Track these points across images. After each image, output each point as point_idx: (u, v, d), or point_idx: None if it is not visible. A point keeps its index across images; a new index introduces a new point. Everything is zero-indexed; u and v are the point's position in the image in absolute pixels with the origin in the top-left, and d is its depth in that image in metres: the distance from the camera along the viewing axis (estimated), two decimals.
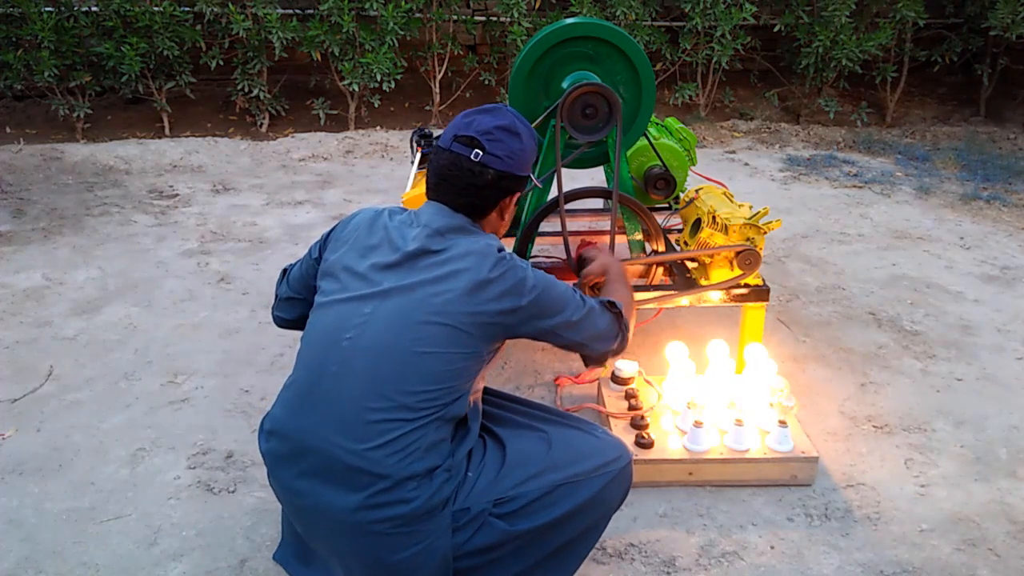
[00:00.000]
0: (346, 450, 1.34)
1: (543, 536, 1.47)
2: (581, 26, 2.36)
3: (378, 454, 1.34)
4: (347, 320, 1.41)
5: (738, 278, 2.28)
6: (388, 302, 1.39)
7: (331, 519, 1.37)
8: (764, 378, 2.17)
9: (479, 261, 1.41)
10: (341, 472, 1.35)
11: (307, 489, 1.39)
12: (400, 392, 1.35)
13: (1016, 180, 4.52)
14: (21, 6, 4.67)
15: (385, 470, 1.33)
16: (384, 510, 1.34)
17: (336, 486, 1.35)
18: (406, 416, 1.35)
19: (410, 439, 1.35)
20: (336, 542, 1.40)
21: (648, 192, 2.61)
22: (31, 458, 2.12)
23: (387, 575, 1.38)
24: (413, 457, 1.35)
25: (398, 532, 1.35)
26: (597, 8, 5.23)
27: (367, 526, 1.35)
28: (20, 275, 3.21)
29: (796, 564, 1.80)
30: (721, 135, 5.43)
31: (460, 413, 1.44)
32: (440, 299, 1.38)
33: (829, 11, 5.23)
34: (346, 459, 1.34)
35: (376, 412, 1.35)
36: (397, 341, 1.37)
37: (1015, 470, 2.12)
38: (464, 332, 1.39)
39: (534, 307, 1.45)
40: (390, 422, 1.35)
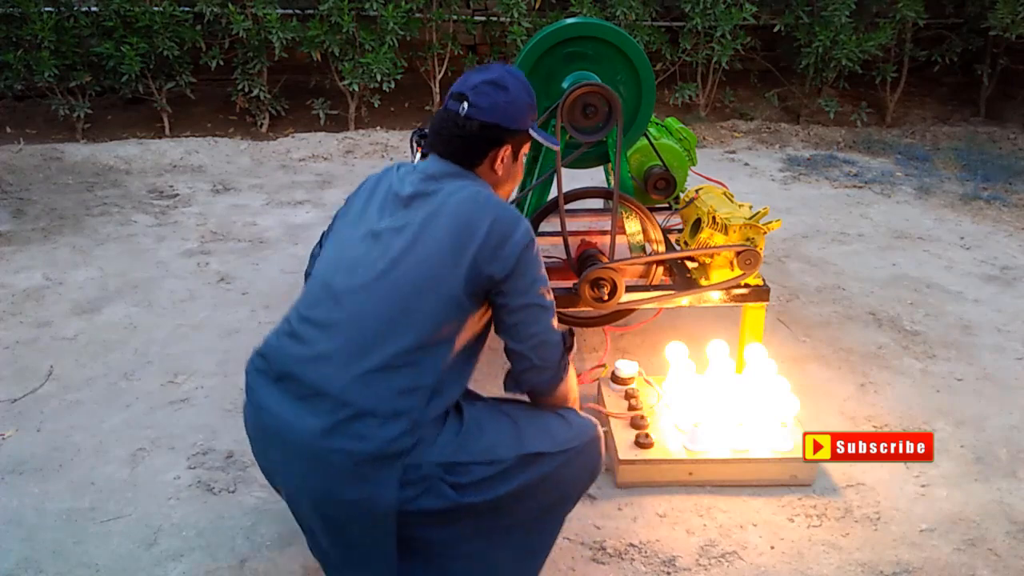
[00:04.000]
0: (321, 375, 1.38)
1: (497, 511, 1.47)
2: (581, 26, 2.36)
3: (351, 381, 1.37)
4: (341, 259, 1.50)
5: (738, 278, 2.28)
6: (380, 243, 1.46)
7: (290, 441, 1.39)
8: (764, 378, 2.17)
9: (470, 202, 1.47)
10: (310, 394, 1.38)
11: (275, 408, 1.41)
12: (381, 331, 1.39)
13: (1016, 180, 4.52)
14: (21, 6, 4.67)
15: (350, 398, 1.36)
16: (341, 439, 1.35)
17: (302, 408, 1.38)
18: (384, 353, 1.38)
19: (382, 376, 1.38)
20: (291, 466, 1.41)
21: (648, 192, 2.61)
22: (31, 458, 2.12)
23: (331, 512, 1.40)
24: (380, 395, 1.37)
25: (349, 469, 1.35)
26: (597, 8, 5.22)
27: (323, 454, 1.36)
28: (20, 275, 3.21)
29: (796, 564, 1.80)
30: (721, 135, 5.43)
31: (436, 369, 1.42)
32: (429, 239, 1.44)
33: (829, 11, 5.23)
34: (319, 382, 1.38)
35: (356, 345, 1.39)
36: (384, 281, 1.42)
37: (1015, 470, 2.12)
38: (449, 275, 1.42)
39: (516, 261, 1.46)
40: (367, 356, 1.38)
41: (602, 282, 2.26)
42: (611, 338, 2.69)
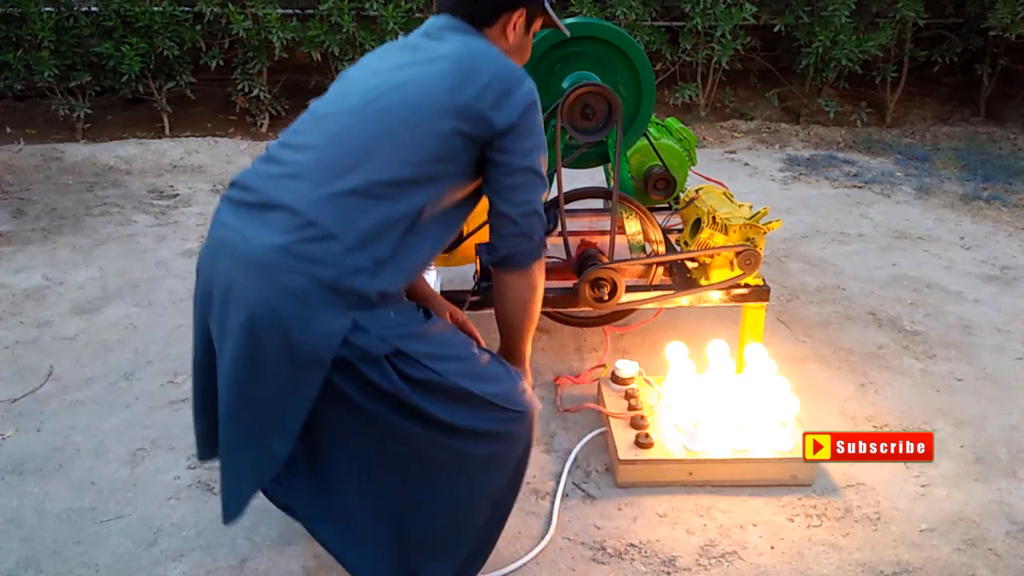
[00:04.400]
0: (288, 190, 1.33)
1: (416, 433, 1.39)
2: (581, 26, 2.36)
3: (320, 200, 1.31)
4: (335, 93, 1.47)
5: (738, 278, 2.28)
6: (377, 77, 1.43)
7: (243, 252, 1.31)
8: (764, 378, 2.17)
9: (476, 52, 1.45)
10: (273, 207, 1.32)
11: (235, 223, 1.35)
12: (361, 154, 1.34)
13: (1016, 180, 4.52)
14: (21, 6, 4.67)
15: (316, 216, 1.29)
16: (299, 259, 1.28)
17: (263, 221, 1.32)
18: (360, 177, 1.33)
19: (355, 202, 1.32)
20: (237, 276, 1.31)
21: (648, 192, 2.61)
22: (31, 458, 2.13)
23: (261, 337, 1.30)
24: (349, 221, 1.30)
25: (299, 292, 1.28)
26: (597, 8, 5.22)
27: (276, 269, 1.28)
28: (20, 275, 3.21)
29: (796, 564, 1.80)
30: (721, 135, 5.43)
31: (413, 214, 1.36)
32: (427, 75, 1.40)
33: (829, 11, 5.23)
34: (285, 197, 1.32)
35: (332, 164, 1.34)
36: (372, 106, 1.38)
37: (1015, 470, 2.12)
38: (444, 108, 1.37)
39: (520, 115, 1.41)
40: (342, 177, 1.33)
41: (602, 282, 2.26)
42: (611, 338, 2.69)
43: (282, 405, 1.34)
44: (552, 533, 1.87)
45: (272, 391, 1.33)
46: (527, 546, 1.84)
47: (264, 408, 1.35)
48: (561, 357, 2.65)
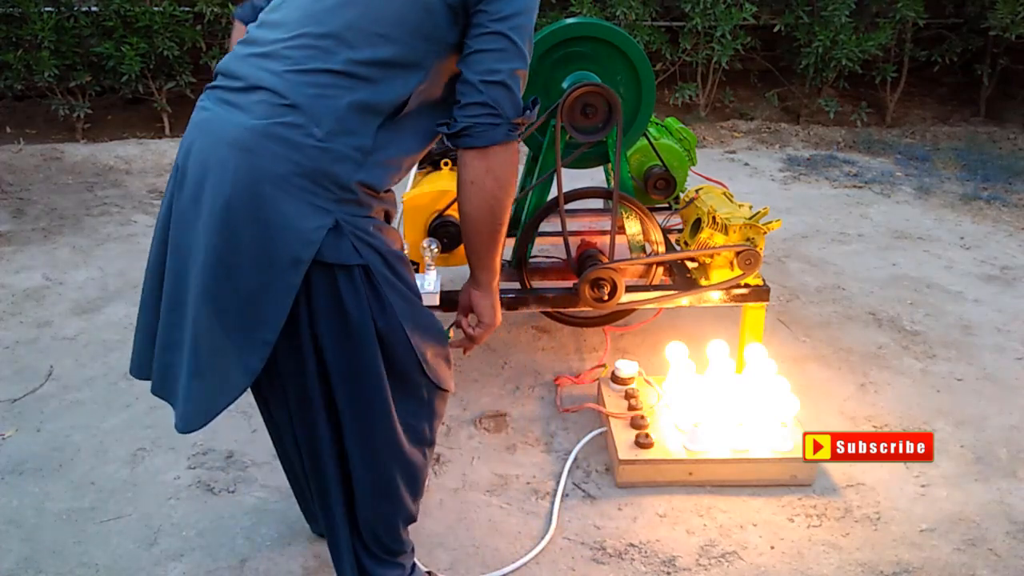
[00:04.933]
0: (265, 69, 1.25)
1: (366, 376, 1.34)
2: (581, 26, 2.36)
3: (299, 79, 1.23)
4: None
5: (738, 278, 2.28)
6: None
7: (222, 133, 1.24)
8: (764, 378, 2.17)
9: None
10: (251, 88, 1.25)
11: (216, 107, 1.28)
12: (345, 35, 1.26)
13: (1016, 180, 4.52)
14: (21, 6, 4.67)
15: (295, 98, 1.22)
16: (277, 140, 1.21)
17: (245, 106, 1.25)
18: (342, 60, 1.25)
19: (335, 85, 1.24)
20: (211, 160, 1.24)
21: (648, 192, 2.61)
22: (31, 458, 2.13)
23: (243, 223, 1.22)
24: (329, 106, 1.23)
25: (276, 178, 1.21)
26: (597, 8, 5.22)
27: (253, 149, 1.21)
28: (20, 275, 3.21)
29: (796, 564, 1.80)
30: (721, 135, 5.43)
31: (396, 98, 1.29)
32: None
33: (829, 11, 5.23)
34: (262, 77, 1.25)
35: (314, 46, 1.25)
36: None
37: (1015, 470, 2.12)
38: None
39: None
40: (321, 54, 1.25)
41: (602, 282, 2.27)
42: (611, 338, 2.69)
43: (260, 302, 1.25)
44: (552, 533, 1.87)
45: (249, 286, 1.25)
46: (527, 546, 1.84)
47: (241, 304, 1.26)
48: (561, 357, 2.65)
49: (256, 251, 1.23)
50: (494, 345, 2.72)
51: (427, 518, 1.92)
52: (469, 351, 1.66)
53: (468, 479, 2.07)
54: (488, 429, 2.28)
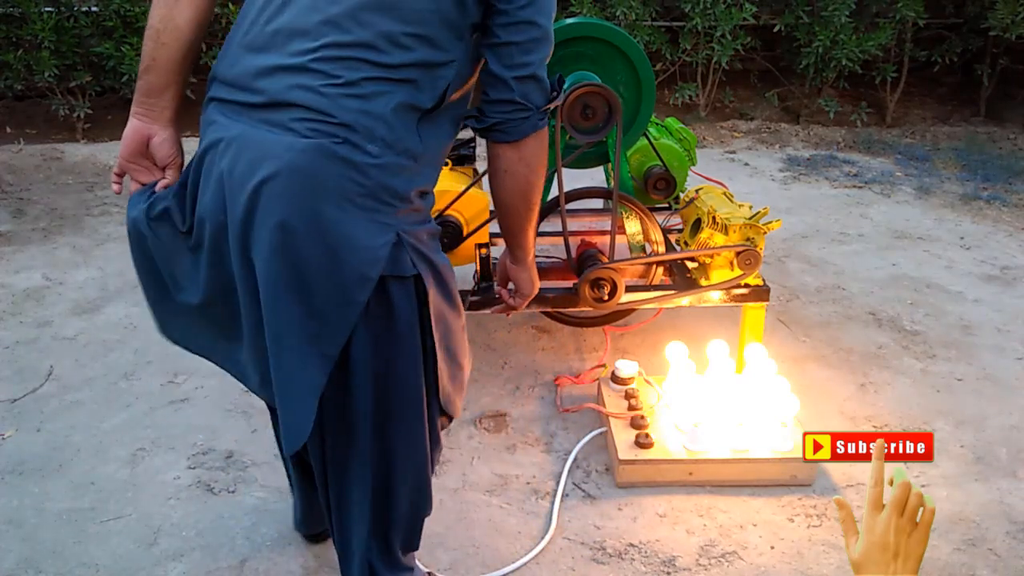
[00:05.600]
0: (302, 88, 1.17)
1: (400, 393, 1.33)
2: (581, 26, 2.36)
3: (338, 93, 1.16)
4: None
5: (738, 278, 2.28)
6: None
7: (271, 152, 1.17)
8: (764, 378, 2.17)
9: None
10: (289, 108, 1.17)
11: (244, 125, 1.20)
12: (376, 40, 1.19)
13: (1016, 180, 4.52)
14: (21, 6, 4.67)
15: (346, 117, 1.16)
16: (332, 159, 1.16)
17: (282, 124, 1.17)
18: (376, 64, 1.18)
19: (377, 91, 1.18)
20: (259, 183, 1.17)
21: (648, 192, 2.61)
22: (31, 458, 2.13)
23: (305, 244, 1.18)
24: (378, 117, 1.18)
25: (338, 196, 1.17)
26: (597, 8, 5.22)
27: (308, 170, 1.16)
28: (20, 275, 3.21)
29: (796, 564, 1.80)
30: (721, 135, 5.43)
31: (433, 97, 1.24)
32: None
33: (829, 11, 5.23)
34: (297, 98, 1.17)
35: (342, 53, 1.18)
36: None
37: (1015, 470, 2.12)
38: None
39: None
40: (356, 64, 1.18)
41: (602, 282, 2.27)
42: (611, 338, 2.69)
43: (327, 321, 1.23)
44: (552, 533, 1.87)
45: (315, 306, 1.22)
46: (527, 546, 1.84)
47: (307, 322, 1.23)
48: (561, 357, 2.65)
49: (323, 273, 1.20)
50: (494, 345, 2.72)
51: (427, 518, 1.92)
52: (509, 315, 1.71)
53: (468, 479, 2.07)
54: (488, 429, 2.28)
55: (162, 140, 1.34)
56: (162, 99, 1.31)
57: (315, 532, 1.82)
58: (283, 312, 1.22)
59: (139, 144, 1.33)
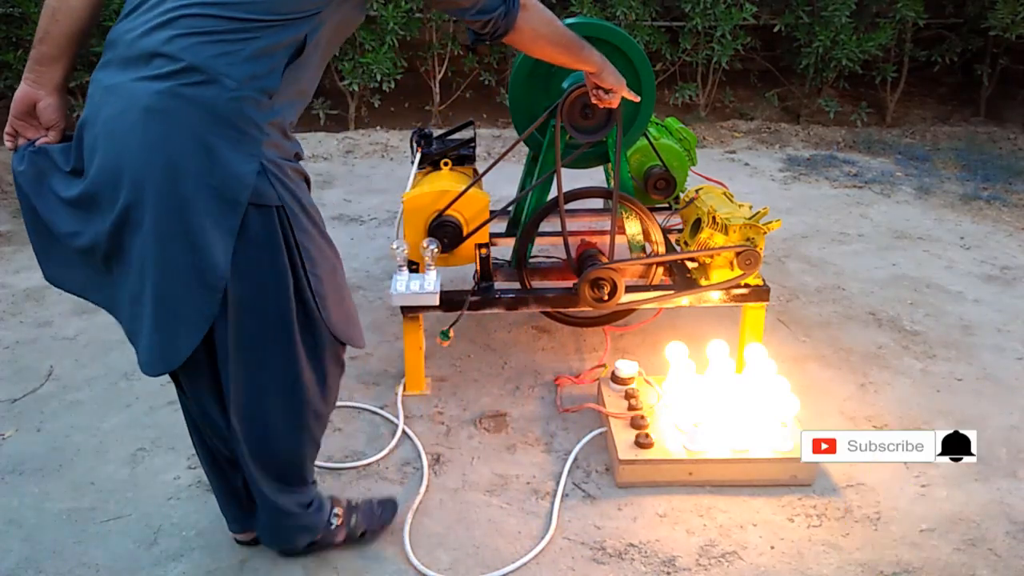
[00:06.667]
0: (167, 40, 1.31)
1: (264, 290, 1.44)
2: (581, 26, 2.36)
3: (196, 39, 1.30)
4: None
5: (738, 278, 2.28)
6: None
7: (132, 101, 1.32)
8: (764, 378, 2.17)
9: None
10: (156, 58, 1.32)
11: (119, 77, 1.35)
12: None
13: (1016, 180, 4.52)
14: (21, 6, 4.67)
15: (195, 61, 1.30)
16: (186, 100, 1.30)
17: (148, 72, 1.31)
18: (229, 15, 1.32)
19: (234, 39, 1.32)
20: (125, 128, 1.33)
21: (648, 192, 2.61)
22: (31, 458, 2.13)
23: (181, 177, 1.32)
24: (232, 60, 1.32)
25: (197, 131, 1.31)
26: (597, 8, 5.23)
27: (167, 110, 1.30)
28: (20, 275, 3.21)
29: (796, 564, 1.80)
30: (721, 135, 5.43)
31: (296, 41, 1.38)
32: None
33: (829, 11, 5.23)
34: (163, 48, 1.31)
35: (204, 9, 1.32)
36: None
37: (1015, 470, 2.12)
38: None
39: None
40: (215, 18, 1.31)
41: (602, 282, 2.27)
42: (611, 338, 2.69)
43: (208, 249, 1.35)
44: (552, 533, 1.87)
45: (197, 235, 1.34)
46: (527, 546, 1.84)
47: (191, 252, 1.35)
48: (561, 357, 2.65)
49: (204, 198, 1.33)
50: (494, 345, 2.72)
51: (427, 518, 1.92)
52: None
53: (468, 479, 2.07)
54: (488, 429, 2.28)
55: (47, 105, 1.49)
56: (51, 69, 1.48)
57: (247, 536, 1.82)
58: (168, 248, 1.35)
59: (27, 106, 1.48)
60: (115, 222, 1.36)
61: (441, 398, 2.41)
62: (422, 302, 2.23)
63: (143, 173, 1.32)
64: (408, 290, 2.20)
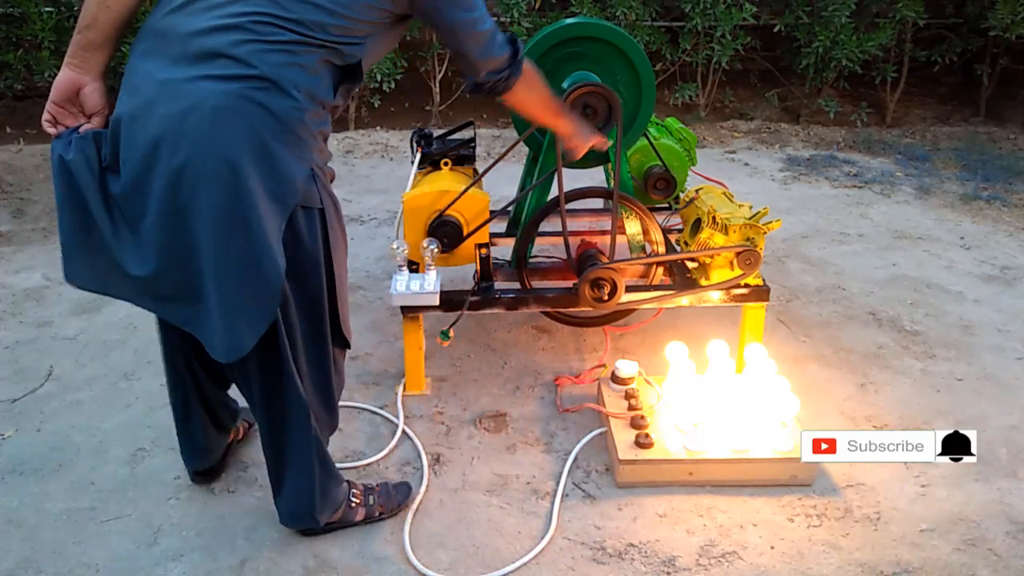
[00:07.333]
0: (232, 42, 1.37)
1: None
2: (581, 26, 2.36)
3: (263, 47, 1.37)
4: None
5: (738, 278, 2.28)
6: None
7: (197, 98, 1.35)
8: (764, 378, 2.17)
9: None
10: (219, 58, 1.36)
11: (175, 72, 1.37)
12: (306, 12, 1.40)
13: (1016, 180, 4.52)
14: (21, 6, 4.67)
15: (263, 67, 1.37)
16: (252, 103, 1.36)
17: (209, 71, 1.36)
18: (295, 29, 1.39)
19: (300, 48, 1.40)
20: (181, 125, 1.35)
21: (648, 192, 2.61)
22: (31, 458, 2.13)
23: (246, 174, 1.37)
24: (299, 66, 1.40)
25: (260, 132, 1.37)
26: (597, 8, 5.22)
27: (233, 110, 1.35)
28: (20, 275, 3.21)
29: (796, 564, 1.80)
30: (721, 135, 5.43)
31: (340, 58, 1.47)
32: None
33: (829, 11, 5.23)
34: (227, 50, 1.36)
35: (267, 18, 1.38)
36: None
37: (1015, 470, 2.12)
38: None
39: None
40: (284, 29, 1.38)
41: (602, 282, 2.27)
42: (611, 338, 2.69)
43: (271, 244, 1.42)
44: (552, 533, 1.87)
45: (259, 229, 1.39)
46: (527, 546, 1.84)
47: (253, 245, 1.40)
48: (561, 357, 2.65)
49: (261, 197, 1.39)
50: (494, 345, 2.72)
51: (427, 518, 1.92)
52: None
53: (468, 479, 2.07)
54: (488, 429, 2.28)
55: (92, 90, 1.50)
56: (97, 54, 1.49)
57: (203, 468, 1.99)
58: (228, 240, 1.39)
59: (71, 92, 1.48)
60: (166, 212, 1.38)
61: (441, 398, 2.41)
62: (422, 302, 2.23)
63: (206, 169, 1.35)
64: (408, 290, 2.20)
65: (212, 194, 1.36)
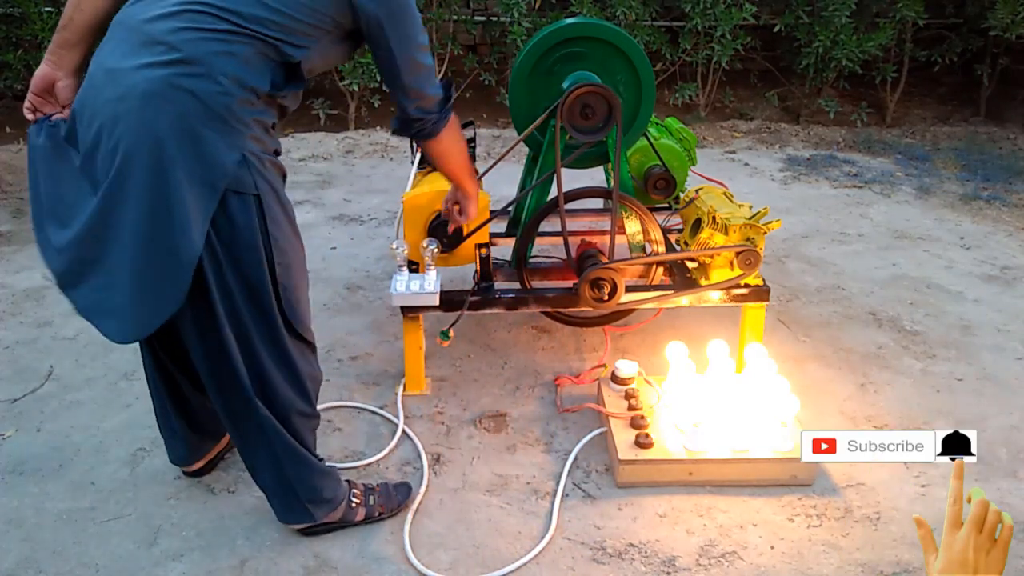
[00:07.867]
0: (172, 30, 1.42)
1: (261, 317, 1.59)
2: (581, 26, 2.36)
3: (186, 36, 1.41)
4: None
5: (738, 278, 2.28)
6: None
7: (131, 84, 1.40)
8: (764, 378, 2.17)
9: None
10: (157, 45, 1.41)
11: (120, 60, 1.43)
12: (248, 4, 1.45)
13: (1016, 180, 4.52)
14: (21, 6, 4.67)
15: (195, 53, 1.41)
16: (179, 90, 1.40)
17: (148, 57, 1.41)
18: (231, 19, 1.44)
19: (236, 38, 1.44)
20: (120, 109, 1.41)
21: (648, 192, 2.61)
22: (31, 458, 2.13)
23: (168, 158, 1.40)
24: (231, 54, 1.43)
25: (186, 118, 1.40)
26: (597, 8, 5.23)
27: (160, 96, 1.39)
28: (20, 275, 3.21)
29: (796, 564, 1.80)
30: (721, 135, 5.43)
31: (289, 56, 1.50)
32: None
33: (829, 11, 5.23)
34: (167, 38, 1.41)
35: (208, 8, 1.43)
36: None
37: (1015, 470, 2.12)
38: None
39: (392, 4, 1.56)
40: (221, 19, 1.43)
41: (602, 282, 2.27)
42: (611, 338, 2.69)
43: (190, 223, 1.44)
44: (552, 533, 1.87)
45: (180, 211, 1.42)
46: (527, 546, 1.84)
47: (174, 226, 1.43)
48: (561, 357, 2.65)
49: (187, 181, 1.42)
50: (494, 345, 2.72)
51: (427, 518, 1.92)
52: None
53: (468, 479, 2.07)
54: (488, 429, 2.28)
55: (65, 86, 1.59)
56: (71, 53, 1.58)
57: (187, 470, 2.02)
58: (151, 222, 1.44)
59: (47, 84, 1.59)
60: (105, 194, 1.44)
61: (441, 398, 2.41)
62: (422, 302, 2.23)
63: (135, 152, 1.40)
64: (408, 290, 2.20)
65: (138, 175, 1.41)
